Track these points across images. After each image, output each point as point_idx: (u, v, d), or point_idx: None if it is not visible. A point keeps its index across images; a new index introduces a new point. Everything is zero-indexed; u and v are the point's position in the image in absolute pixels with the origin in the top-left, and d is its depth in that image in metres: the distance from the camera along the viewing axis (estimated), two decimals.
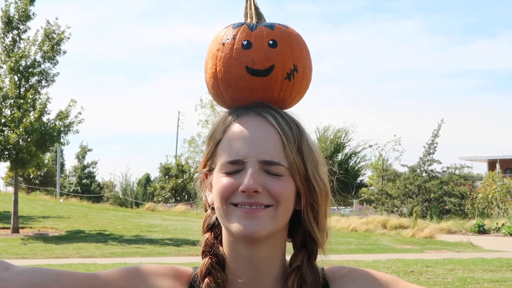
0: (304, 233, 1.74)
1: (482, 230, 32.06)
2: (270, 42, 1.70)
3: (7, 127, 24.86)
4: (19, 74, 25.11)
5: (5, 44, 25.28)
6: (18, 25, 25.25)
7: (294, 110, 1.80)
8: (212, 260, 1.73)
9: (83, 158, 68.24)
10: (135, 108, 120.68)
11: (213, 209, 1.76)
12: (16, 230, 25.68)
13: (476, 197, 41.97)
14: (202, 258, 1.76)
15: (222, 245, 1.75)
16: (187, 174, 50.83)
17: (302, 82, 1.75)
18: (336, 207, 44.27)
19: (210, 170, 1.75)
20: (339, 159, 50.82)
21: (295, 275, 1.72)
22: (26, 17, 25.30)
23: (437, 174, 43.52)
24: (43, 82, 25.58)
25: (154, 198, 50.74)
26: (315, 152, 1.73)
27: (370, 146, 51.91)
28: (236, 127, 1.69)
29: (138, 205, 47.78)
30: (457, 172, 45.35)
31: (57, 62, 25.67)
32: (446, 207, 41.75)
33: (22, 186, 52.23)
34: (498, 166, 66.96)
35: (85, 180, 65.63)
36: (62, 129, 25.83)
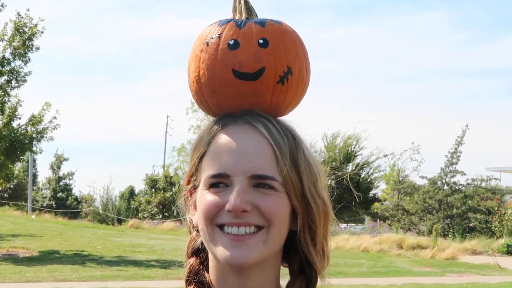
0: (301, 257, 1.72)
1: (511, 251, 32.10)
2: (260, 41, 1.66)
3: None
4: None
5: None
6: None
7: (291, 117, 1.77)
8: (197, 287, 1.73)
9: (58, 168, 68.32)
10: (119, 112, 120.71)
11: (198, 231, 1.74)
12: None
13: (505, 213, 42.04)
14: (186, 286, 1.77)
15: (208, 271, 1.74)
16: (177, 187, 50.83)
17: (298, 86, 1.71)
18: (346, 225, 44.27)
19: (195, 188, 1.74)
20: (349, 170, 50.85)
21: None
22: None
23: (460, 187, 43.61)
24: (13, 82, 25.62)
25: (139, 214, 50.80)
26: (313, 165, 1.70)
27: (385, 156, 51.84)
28: (222, 138, 1.66)
29: (120, 221, 47.78)
30: (483, 184, 45.39)
31: (29, 59, 25.74)
32: (471, 225, 41.77)
33: None
34: None
35: (60, 193, 65.71)
36: (34, 135, 25.87)
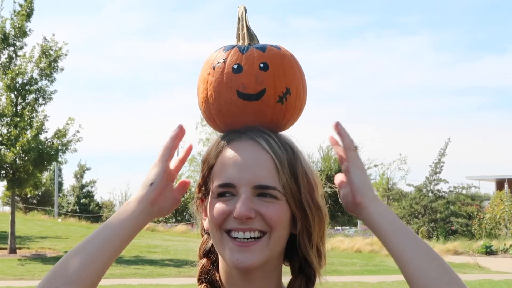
0: (301, 257, 1.74)
1: (489, 251, 32.04)
2: (261, 65, 1.67)
3: (4, 146, 24.92)
4: (16, 92, 25.18)
5: (1, 61, 25.37)
6: (14, 41, 25.34)
7: (291, 131, 1.79)
8: (207, 287, 1.74)
9: (82, 177, 68.20)
10: (134, 125, 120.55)
11: (208, 234, 1.76)
12: (13, 250, 25.68)
13: (483, 217, 42.05)
14: (198, 285, 1.77)
15: (218, 271, 1.76)
16: (188, 194, 50.79)
17: (296, 104, 1.72)
18: (340, 228, 44.27)
19: (205, 196, 1.76)
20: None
21: None
22: (23, 33, 25.39)
23: (443, 194, 43.50)
24: (40, 99, 25.65)
25: (154, 218, 50.73)
26: (310, 175, 1.72)
27: (376, 166, 51.63)
28: (228, 152, 1.68)
29: None
30: (464, 192, 45.34)
31: (54, 79, 25.80)
32: (453, 228, 41.75)
33: (19, 206, 52.18)
34: (506, 185, 66.84)
35: (83, 199, 65.57)
36: (59, 147, 25.88)
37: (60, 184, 65.53)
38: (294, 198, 1.67)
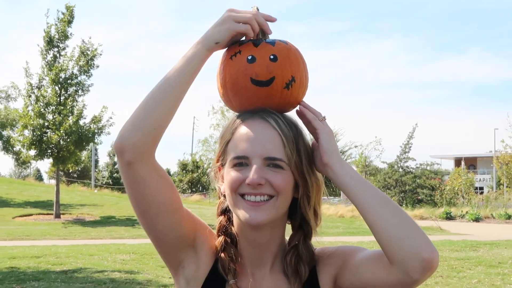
0: (301, 217, 1.76)
1: (449, 217, 32.04)
2: (271, 57, 1.67)
3: (50, 129, 24.88)
4: (59, 85, 25.10)
5: (47, 59, 25.24)
6: (58, 43, 25.25)
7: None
8: (225, 238, 1.76)
9: (114, 155, 68.27)
10: None
11: (225, 196, 1.77)
12: (58, 216, 25.70)
13: (444, 189, 42.12)
14: (218, 237, 1.78)
15: (233, 225, 1.78)
16: (201, 169, 50.91)
17: (299, 90, 1.73)
18: (326, 197, 44.39)
19: (222, 165, 1.76)
20: None
21: (293, 253, 1.74)
22: (65, 36, 25.29)
23: (411, 169, 43.54)
24: (80, 91, 25.59)
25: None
26: (309, 150, 1.74)
27: (356, 147, 51.62)
28: (242, 129, 1.70)
29: None
30: (428, 168, 45.39)
31: (91, 74, 25.69)
32: (419, 197, 41.83)
33: (63, 179, 52.29)
34: (463, 163, 66.99)
35: (115, 174, 65.66)
36: (96, 131, 25.86)
37: (96, 161, 65.61)
38: (297, 168, 1.69)
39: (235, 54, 1.70)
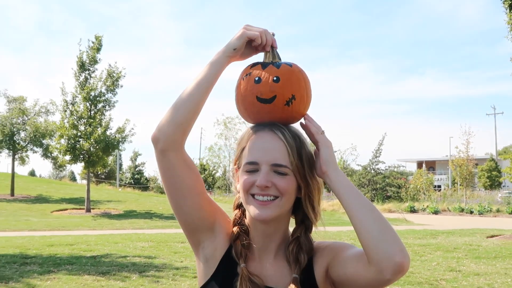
0: (303, 213, 1.77)
1: (413, 210, 32.08)
2: (274, 78, 1.67)
3: (82, 139, 24.87)
4: (90, 102, 25.11)
5: (80, 81, 25.26)
6: (89, 67, 25.28)
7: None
8: (240, 228, 1.77)
9: (135, 160, 68.22)
10: None
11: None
12: (88, 210, 25.68)
13: (408, 187, 42.26)
14: (233, 227, 1.79)
15: (246, 218, 1.79)
16: (208, 171, 50.85)
17: (300, 106, 1.70)
18: None
19: (238, 167, 1.77)
20: None
21: (295, 243, 1.75)
22: (94, 61, 25.31)
23: (381, 171, 43.59)
24: (107, 107, 25.59)
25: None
26: (310, 157, 1.74)
27: (335, 152, 51.70)
28: (255, 138, 1.71)
29: None
30: (395, 169, 45.43)
31: (116, 93, 25.70)
32: (388, 194, 41.85)
33: (93, 180, 52.20)
34: (424, 165, 67.10)
35: (136, 175, 65.61)
36: (120, 140, 25.86)
37: (120, 164, 65.52)
38: (300, 173, 1.70)
39: (246, 75, 1.70)
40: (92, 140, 24.51)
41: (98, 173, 56.18)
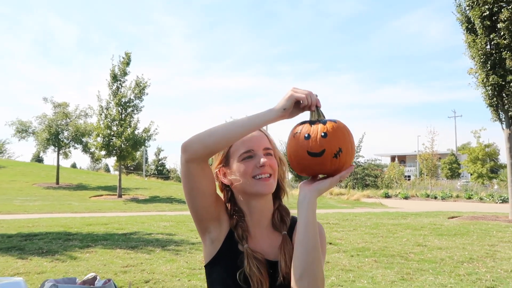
0: (278, 186, 1.79)
1: (387, 196, 32.05)
2: (322, 134, 1.56)
3: (115, 137, 24.87)
4: (121, 107, 25.07)
5: (112, 89, 25.22)
6: (120, 78, 25.23)
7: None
8: (237, 217, 1.75)
9: (159, 154, 68.24)
10: (188, 126, 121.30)
11: (226, 189, 1.79)
12: (120, 196, 25.68)
13: (383, 177, 42.19)
14: (230, 217, 1.78)
15: (238, 204, 1.77)
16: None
17: (346, 158, 1.58)
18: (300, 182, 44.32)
19: (224, 166, 1.76)
20: None
21: (278, 212, 1.78)
22: (124, 73, 25.25)
23: (361, 164, 43.52)
24: (135, 111, 25.54)
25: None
26: (273, 143, 1.81)
27: None
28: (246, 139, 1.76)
29: None
30: (373, 162, 45.44)
31: (143, 99, 25.61)
32: (367, 183, 41.80)
33: (123, 171, 52.23)
34: (396, 159, 66.98)
35: (159, 167, 65.61)
36: (146, 138, 25.81)
37: (146, 158, 65.55)
38: (275, 154, 1.76)
39: (296, 133, 1.60)
40: (123, 138, 24.51)
41: (128, 165, 56.09)
